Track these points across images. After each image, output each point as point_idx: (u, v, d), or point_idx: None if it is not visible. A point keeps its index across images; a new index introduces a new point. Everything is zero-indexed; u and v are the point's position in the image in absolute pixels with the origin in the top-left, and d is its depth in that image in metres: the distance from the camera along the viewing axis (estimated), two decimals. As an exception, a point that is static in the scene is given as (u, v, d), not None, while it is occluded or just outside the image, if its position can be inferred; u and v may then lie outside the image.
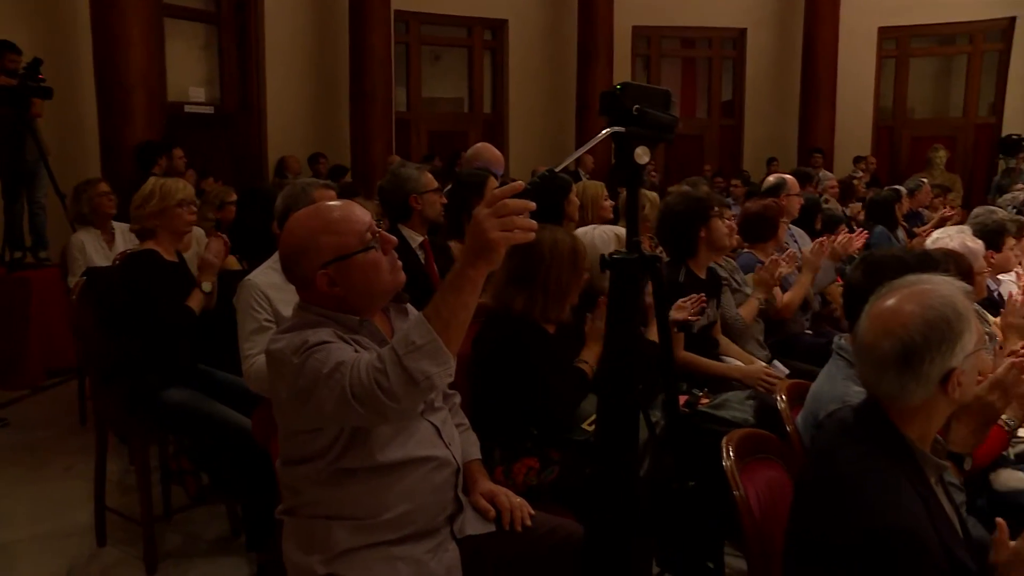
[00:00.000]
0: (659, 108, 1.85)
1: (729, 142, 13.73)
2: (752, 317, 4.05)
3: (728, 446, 2.07)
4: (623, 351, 1.93)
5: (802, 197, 5.56)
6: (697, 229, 3.72)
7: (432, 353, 1.74)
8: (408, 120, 12.47)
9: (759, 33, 13.28)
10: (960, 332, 1.70)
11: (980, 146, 12.70)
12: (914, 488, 1.69)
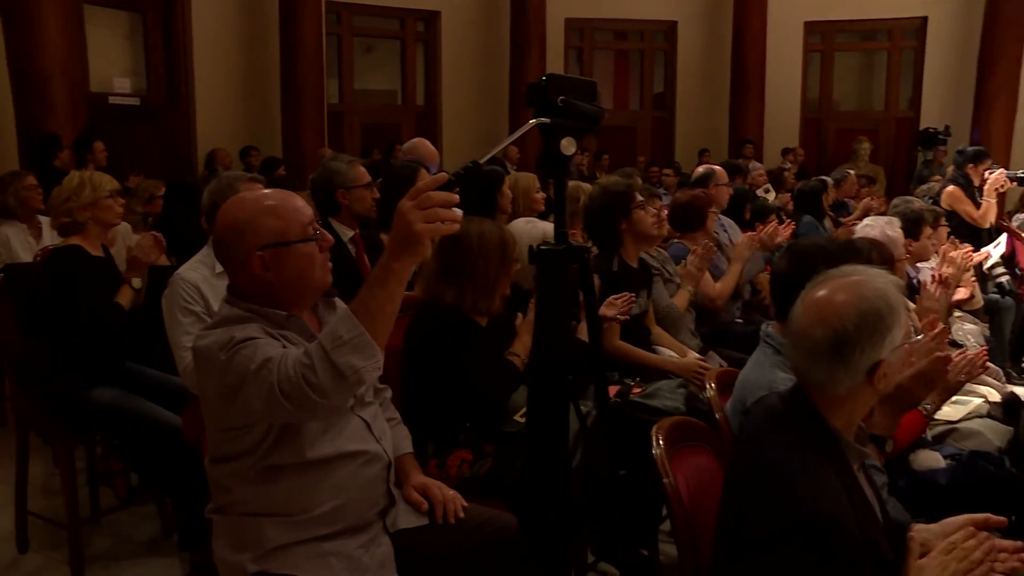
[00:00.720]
0: (585, 99, 1.86)
1: (661, 133, 13.86)
2: (685, 306, 4.10)
3: (658, 434, 2.09)
4: (552, 342, 1.94)
5: (731, 187, 5.65)
6: (618, 222, 3.75)
7: (360, 347, 1.73)
8: (341, 112, 12.33)
9: (690, 26, 13.43)
10: (891, 325, 1.74)
11: (901, 139, 13.04)
12: (837, 475, 1.73)
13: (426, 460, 2.68)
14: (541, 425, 2.06)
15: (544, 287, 1.93)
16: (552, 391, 1.99)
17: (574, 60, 13.69)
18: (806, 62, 13.58)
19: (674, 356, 3.79)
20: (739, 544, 1.78)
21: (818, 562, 1.62)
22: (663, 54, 13.85)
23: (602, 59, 14.21)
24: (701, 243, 4.27)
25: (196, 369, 2.01)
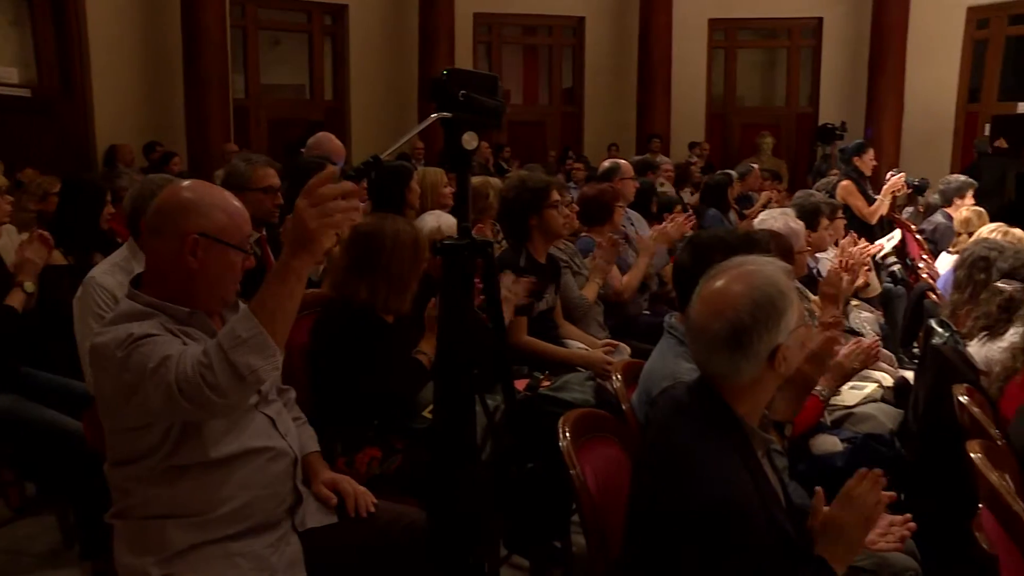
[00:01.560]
0: (486, 94, 1.86)
1: (570, 128, 13.97)
2: (593, 299, 4.15)
3: (564, 427, 2.12)
4: (456, 337, 1.94)
5: (637, 181, 5.73)
6: (529, 217, 3.77)
7: (258, 347, 1.73)
8: (247, 107, 12.06)
9: (597, 22, 13.56)
10: (784, 310, 1.78)
11: (801, 134, 13.45)
12: (743, 462, 1.77)
13: (335, 459, 2.65)
14: (448, 420, 2.06)
15: (448, 282, 1.93)
16: (458, 386, 2.00)
17: (483, 55, 13.69)
18: (711, 58, 13.87)
19: (583, 349, 3.83)
20: (648, 532, 1.81)
21: (726, 547, 1.66)
22: (571, 50, 13.96)
23: (511, 54, 14.26)
24: (607, 236, 4.33)
25: (92, 367, 1.96)
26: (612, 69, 13.56)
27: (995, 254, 3.56)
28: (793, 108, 13.94)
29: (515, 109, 14.12)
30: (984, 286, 3.50)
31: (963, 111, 12.71)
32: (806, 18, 13.40)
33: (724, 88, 14.19)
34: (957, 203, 6.69)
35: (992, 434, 2.47)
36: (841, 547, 1.83)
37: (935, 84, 12.44)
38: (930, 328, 3.50)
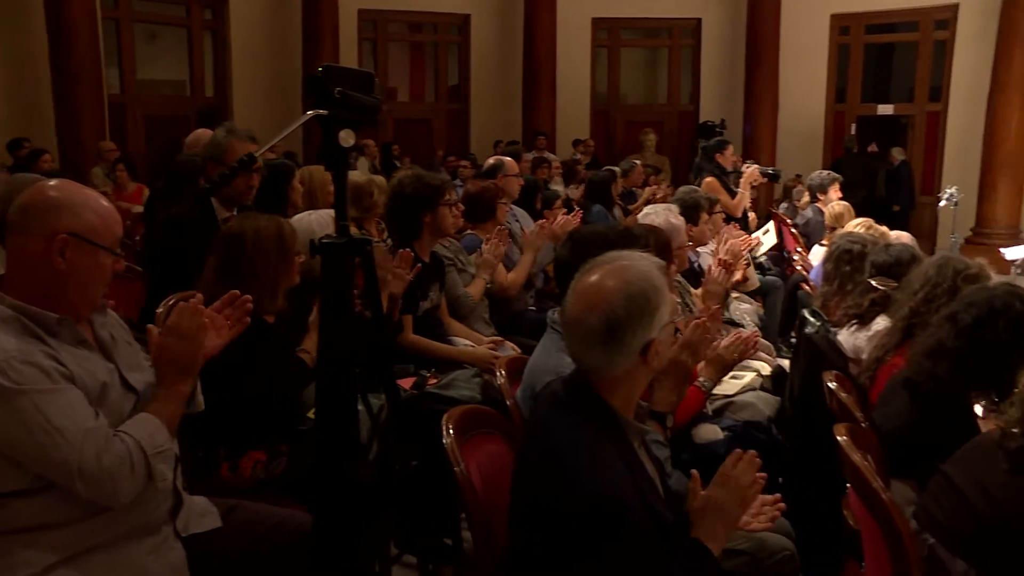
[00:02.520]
0: (362, 91, 1.85)
1: (457, 125, 13.97)
2: (479, 296, 4.17)
3: (448, 424, 2.12)
4: (337, 336, 1.92)
5: (521, 178, 5.77)
6: (423, 214, 3.76)
7: (168, 458, 1.88)
8: (123, 103, 11.57)
9: (482, 19, 13.59)
10: (657, 305, 1.83)
11: (683, 131, 13.78)
12: (618, 453, 1.81)
13: (219, 463, 2.60)
14: (330, 421, 2.03)
15: (327, 281, 1.91)
16: (340, 386, 1.98)
17: (368, 52, 13.54)
18: (594, 57, 14.08)
19: (470, 346, 3.84)
20: (531, 526, 1.83)
21: (604, 538, 1.69)
22: (457, 47, 13.95)
23: (397, 51, 14.15)
24: (496, 231, 4.35)
25: None
26: (498, 67, 13.62)
27: (859, 247, 3.74)
28: (675, 106, 14.29)
29: (402, 107, 14.04)
30: (850, 278, 3.67)
31: (832, 111, 13.31)
32: (686, 18, 13.75)
33: (608, 86, 14.43)
34: (822, 198, 6.99)
35: (858, 417, 2.60)
36: (718, 527, 1.89)
37: (806, 85, 12.99)
38: (803, 318, 3.66)
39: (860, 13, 12.88)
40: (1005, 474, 2.05)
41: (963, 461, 2.20)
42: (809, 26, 12.83)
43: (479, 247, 4.34)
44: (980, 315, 2.48)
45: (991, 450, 2.11)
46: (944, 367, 2.51)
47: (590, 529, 1.69)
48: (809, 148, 13.08)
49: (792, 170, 12.40)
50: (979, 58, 11.76)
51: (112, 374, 1.97)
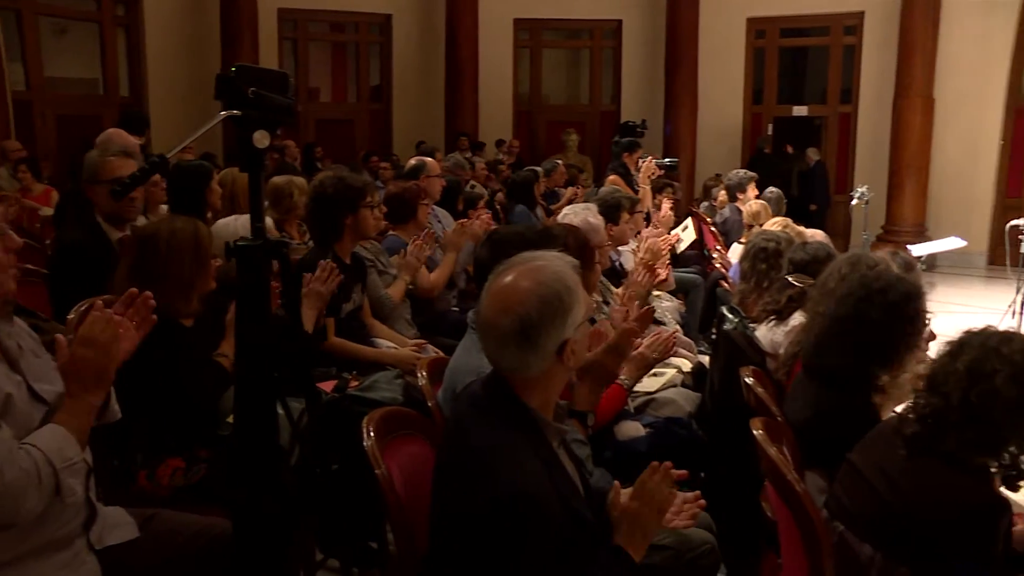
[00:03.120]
0: (276, 91, 1.83)
1: (379, 126, 13.88)
2: (400, 297, 4.15)
3: (368, 426, 2.10)
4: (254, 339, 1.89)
5: (443, 178, 5.76)
6: (344, 215, 3.73)
7: (79, 471, 1.84)
8: (29, 101, 11.14)
9: (404, 19, 13.52)
10: (571, 305, 1.83)
11: (605, 131, 13.88)
12: (537, 454, 1.81)
13: (135, 472, 2.54)
14: (249, 426, 2.00)
15: (244, 284, 1.88)
16: (258, 390, 1.95)
17: (289, 52, 13.35)
18: (516, 57, 14.15)
19: (392, 348, 3.82)
20: (450, 528, 1.83)
21: (522, 538, 1.70)
22: (379, 47, 13.85)
23: (319, 51, 13.98)
24: (424, 233, 4.34)
25: None
26: (420, 67, 13.58)
27: (775, 245, 3.82)
28: (597, 106, 14.44)
29: (324, 107, 13.89)
30: (767, 275, 3.76)
31: (749, 112, 13.63)
32: (606, 20, 13.90)
33: (530, 86, 14.51)
34: (741, 196, 7.14)
35: (774, 411, 2.66)
36: (637, 536, 1.92)
37: (724, 86, 13.27)
38: (721, 315, 3.73)
39: (774, 17, 13.23)
40: (903, 459, 2.12)
41: (866, 448, 2.27)
42: (726, 29, 13.12)
43: (400, 248, 4.32)
44: (860, 297, 2.59)
45: (891, 436, 2.18)
46: (836, 353, 2.62)
47: (508, 530, 1.69)
48: (728, 148, 13.38)
49: (712, 169, 12.65)
50: (884, 63, 12.20)
51: (19, 385, 1.90)
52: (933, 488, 2.06)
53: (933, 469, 2.07)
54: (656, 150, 10.73)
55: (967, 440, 2.04)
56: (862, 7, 12.56)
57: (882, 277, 2.65)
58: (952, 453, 2.06)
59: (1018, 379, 2.01)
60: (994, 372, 2.02)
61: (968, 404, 2.02)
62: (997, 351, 2.05)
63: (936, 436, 2.07)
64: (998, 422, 2.02)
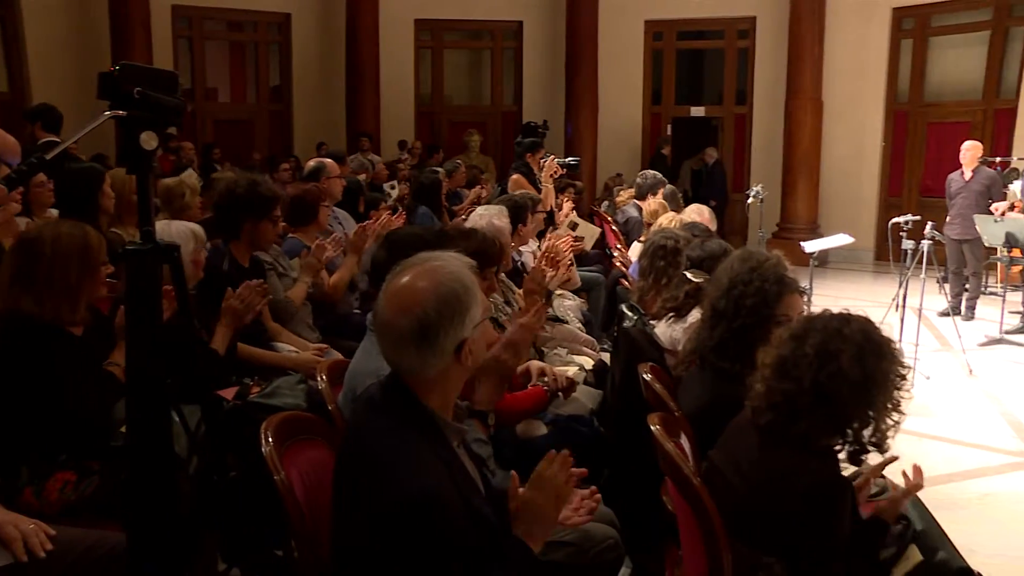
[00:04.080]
0: (164, 91, 1.77)
1: (279, 127, 13.65)
2: (301, 301, 4.08)
3: (267, 432, 2.06)
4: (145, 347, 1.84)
5: (344, 180, 5.70)
6: (246, 219, 3.68)
7: None
8: None
9: (303, 19, 13.34)
10: (469, 305, 1.83)
11: (507, 131, 13.96)
12: (437, 454, 1.80)
13: (20, 488, 2.43)
14: (143, 435, 1.94)
15: (133, 289, 1.82)
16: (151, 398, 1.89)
17: (184, 50, 12.99)
18: (418, 58, 14.10)
19: (294, 352, 3.76)
20: (350, 532, 1.80)
21: (423, 539, 1.69)
22: (278, 47, 13.62)
23: (216, 50, 13.65)
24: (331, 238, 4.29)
25: None
26: (320, 68, 13.42)
27: (673, 243, 3.90)
28: (499, 107, 14.50)
29: (222, 107, 13.58)
30: (665, 272, 3.83)
31: (648, 112, 13.89)
32: (507, 21, 13.98)
33: (432, 87, 14.48)
34: (650, 199, 7.27)
35: (672, 407, 2.72)
36: (537, 526, 1.92)
37: (624, 87, 13.49)
38: (621, 312, 3.78)
39: (672, 20, 13.52)
40: (756, 449, 2.18)
41: (724, 444, 2.33)
42: (625, 31, 13.35)
43: (301, 251, 4.26)
44: (734, 281, 2.73)
45: (746, 428, 2.24)
46: (712, 344, 2.71)
47: (409, 532, 1.68)
48: (628, 147, 13.62)
49: (613, 169, 12.86)
50: (776, 66, 12.62)
51: None
52: (781, 475, 2.11)
53: (782, 456, 2.13)
54: (558, 150, 10.83)
55: (817, 422, 2.11)
56: (754, 12, 12.96)
57: (756, 270, 2.74)
58: (802, 437, 2.11)
59: (860, 357, 2.09)
60: (839, 352, 2.10)
61: (819, 386, 2.09)
62: (840, 332, 2.13)
63: (789, 422, 2.12)
64: (845, 401, 2.10)
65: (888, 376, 2.14)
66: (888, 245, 8.32)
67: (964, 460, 4.88)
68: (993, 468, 4.78)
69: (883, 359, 2.13)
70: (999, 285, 8.78)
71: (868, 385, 2.10)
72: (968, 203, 8.33)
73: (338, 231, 5.05)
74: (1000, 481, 4.62)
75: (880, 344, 2.15)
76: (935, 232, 6.54)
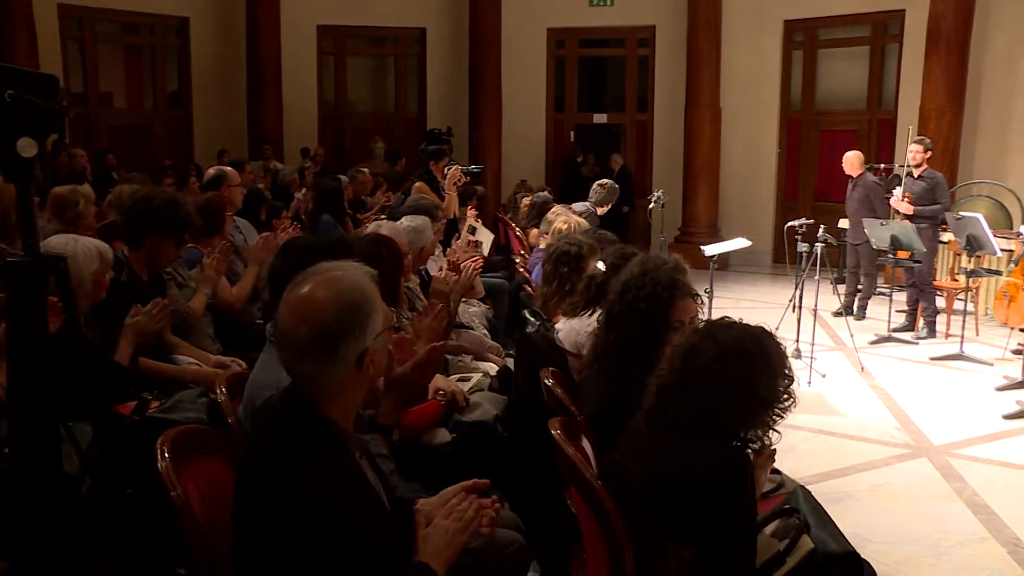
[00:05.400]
0: (41, 95, 1.70)
1: (179, 133, 13.29)
2: (201, 312, 3.99)
3: (162, 447, 2.00)
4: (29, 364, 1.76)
5: (244, 188, 5.59)
6: (151, 234, 3.62)
7: None
8: None
9: (201, 23, 13.04)
10: (369, 314, 1.82)
11: (412, 138, 13.89)
12: (338, 466, 1.78)
13: None
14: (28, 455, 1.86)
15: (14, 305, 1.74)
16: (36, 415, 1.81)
17: (76, 53, 12.49)
18: (321, 64, 13.95)
19: (195, 364, 3.67)
20: (248, 550, 1.77)
21: (322, 552, 1.66)
22: (176, 51, 13.27)
23: (110, 54, 13.16)
24: (220, 246, 4.19)
25: None
26: (220, 73, 13.14)
27: (575, 249, 3.94)
28: (403, 113, 14.45)
29: (118, 113, 13.16)
30: (568, 278, 3.87)
31: (552, 119, 14.04)
32: (411, 27, 13.95)
33: (335, 94, 14.33)
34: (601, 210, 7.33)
35: (573, 411, 2.75)
36: (442, 553, 1.91)
37: (527, 94, 13.61)
38: (523, 318, 3.81)
39: (574, 28, 13.69)
40: (656, 444, 2.22)
41: (623, 443, 2.35)
42: (527, 38, 13.47)
43: (201, 261, 4.16)
44: (627, 285, 2.79)
45: (645, 426, 2.28)
46: (608, 347, 2.78)
47: (300, 548, 1.66)
48: (532, 154, 13.74)
49: (517, 176, 12.93)
50: (675, 74, 12.92)
51: None
52: (682, 465, 2.15)
53: (681, 447, 2.17)
54: (462, 157, 10.84)
55: (713, 421, 2.16)
56: (654, 21, 13.22)
57: (649, 274, 2.81)
58: (698, 429, 2.16)
59: (721, 359, 2.15)
60: (703, 351, 2.17)
61: (714, 392, 2.15)
62: (715, 336, 2.20)
63: (686, 419, 2.17)
64: (737, 406, 2.17)
65: (776, 388, 2.20)
66: (785, 248, 8.60)
67: (856, 454, 5.08)
68: (882, 460, 4.99)
69: (773, 372, 2.20)
70: (887, 286, 9.18)
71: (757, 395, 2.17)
72: (853, 210, 8.79)
73: (239, 240, 4.96)
74: (888, 472, 4.82)
75: (772, 356, 2.21)
76: (827, 235, 6.78)
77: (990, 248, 7.07)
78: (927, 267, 8.04)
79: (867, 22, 12.10)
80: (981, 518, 4.21)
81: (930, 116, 10.53)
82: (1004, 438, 5.38)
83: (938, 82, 10.53)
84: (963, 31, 10.45)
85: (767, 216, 12.78)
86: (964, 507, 4.35)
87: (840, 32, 12.47)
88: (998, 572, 3.72)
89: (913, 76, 11.03)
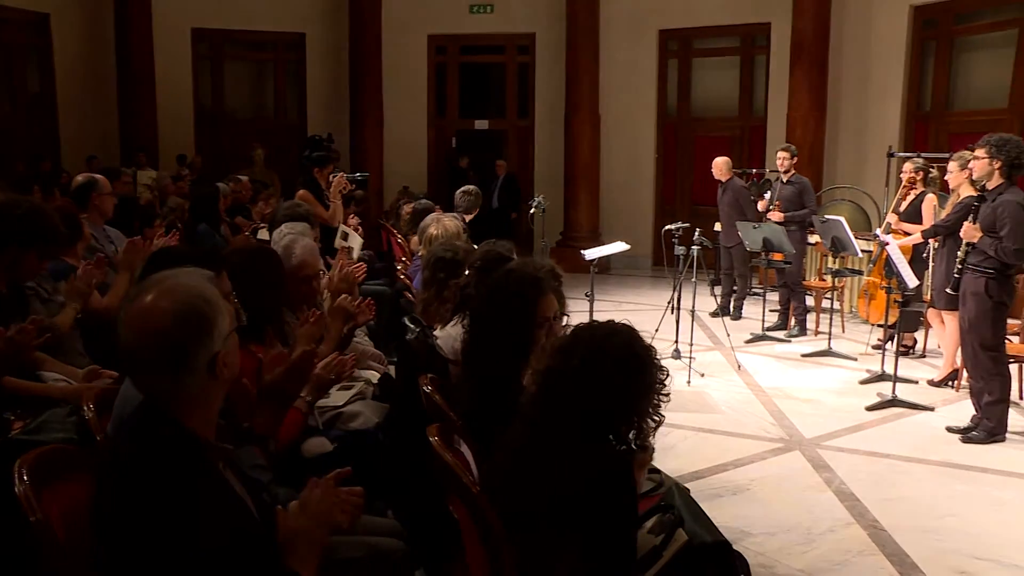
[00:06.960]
0: None
1: (42, 138, 12.64)
2: (69, 327, 3.83)
3: (21, 469, 1.91)
4: None
5: (115, 196, 5.39)
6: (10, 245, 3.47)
7: None
8: None
9: (64, 21, 12.39)
10: (214, 317, 1.77)
11: (292, 145, 13.64)
12: (200, 477, 1.73)
13: None
14: None
15: None
16: None
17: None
18: (197, 69, 13.59)
19: (64, 381, 3.52)
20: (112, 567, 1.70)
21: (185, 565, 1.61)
22: (36, 50, 12.61)
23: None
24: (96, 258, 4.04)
25: None
26: (88, 75, 12.60)
27: (451, 255, 3.97)
28: (283, 119, 14.22)
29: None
30: (446, 284, 3.89)
31: (434, 124, 14.08)
32: (289, 32, 13.74)
33: (212, 99, 13.98)
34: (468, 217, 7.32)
35: (451, 416, 2.77)
36: (308, 554, 1.89)
37: (408, 100, 13.62)
38: (404, 325, 3.81)
39: (454, 35, 13.76)
40: (535, 448, 2.25)
41: (502, 447, 2.37)
42: (408, 45, 13.47)
43: (68, 273, 3.98)
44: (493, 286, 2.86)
45: (523, 430, 2.31)
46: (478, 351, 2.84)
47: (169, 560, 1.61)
48: (414, 160, 13.74)
49: (399, 182, 12.90)
50: (555, 81, 13.14)
51: None
52: (562, 469, 2.18)
53: (561, 451, 2.21)
54: (344, 164, 10.74)
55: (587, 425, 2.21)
56: (533, 29, 13.40)
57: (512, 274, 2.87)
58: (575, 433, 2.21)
59: (623, 368, 2.21)
60: (603, 363, 2.20)
61: (586, 393, 2.19)
62: (604, 344, 2.24)
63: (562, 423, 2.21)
64: (611, 407, 2.23)
65: (649, 384, 2.27)
66: (663, 251, 8.83)
67: (733, 450, 5.27)
68: (758, 455, 5.19)
69: (644, 369, 2.26)
70: (760, 287, 9.55)
71: (631, 393, 2.23)
72: (724, 214, 9.16)
73: (110, 250, 4.78)
74: (764, 466, 5.02)
75: (641, 354, 2.27)
76: (703, 238, 7.00)
77: (852, 249, 7.46)
78: (797, 268, 8.43)
79: (736, 33, 12.59)
80: (847, 505, 4.45)
81: (796, 123, 11.08)
82: (867, 428, 5.70)
83: (802, 91, 11.09)
84: (822, 44, 11.09)
85: (646, 220, 13.10)
86: (832, 496, 4.58)
87: (712, 42, 12.93)
88: (859, 553, 3.93)
89: (780, 85, 11.56)
